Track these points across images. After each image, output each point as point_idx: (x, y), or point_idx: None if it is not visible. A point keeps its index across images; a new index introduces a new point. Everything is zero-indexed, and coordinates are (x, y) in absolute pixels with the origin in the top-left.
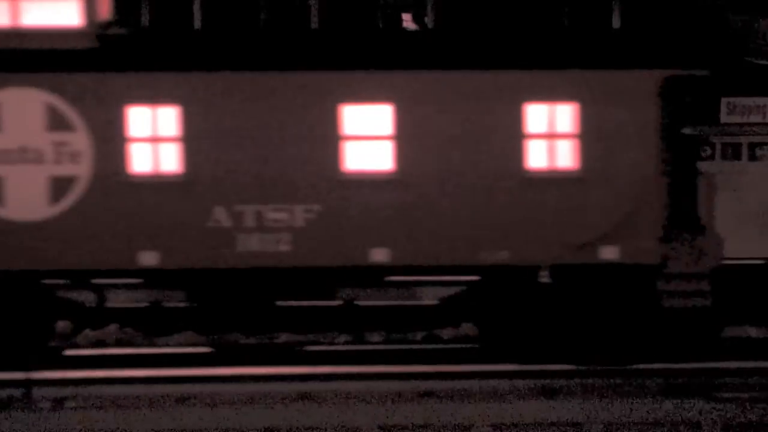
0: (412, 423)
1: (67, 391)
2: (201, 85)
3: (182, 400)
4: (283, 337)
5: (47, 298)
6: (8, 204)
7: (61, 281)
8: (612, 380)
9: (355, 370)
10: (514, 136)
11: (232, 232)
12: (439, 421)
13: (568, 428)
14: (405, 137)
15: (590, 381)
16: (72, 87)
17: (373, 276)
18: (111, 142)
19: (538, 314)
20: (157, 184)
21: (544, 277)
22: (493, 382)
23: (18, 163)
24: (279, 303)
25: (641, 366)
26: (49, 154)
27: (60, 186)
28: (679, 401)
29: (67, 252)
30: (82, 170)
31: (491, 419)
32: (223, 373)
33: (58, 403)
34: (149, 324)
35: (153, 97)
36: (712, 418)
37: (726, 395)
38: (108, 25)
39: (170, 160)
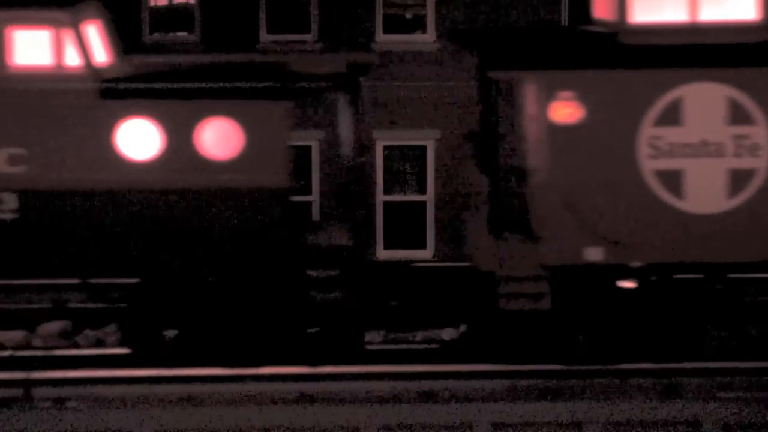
0: (412, 423)
1: (67, 390)
2: None
3: (183, 400)
4: None
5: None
6: (688, 197)
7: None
8: (612, 380)
9: (355, 370)
10: None
11: None
12: (439, 421)
13: (568, 428)
14: None
15: (590, 381)
16: (753, 81)
17: None
18: None
19: None
20: None
21: None
22: (493, 382)
23: (698, 156)
24: None
25: (641, 366)
26: (730, 147)
27: (739, 179)
28: (679, 401)
29: (740, 244)
30: (760, 163)
31: (491, 419)
32: (223, 373)
33: (58, 402)
34: None
35: None
36: (712, 418)
37: (726, 395)
38: None
39: None
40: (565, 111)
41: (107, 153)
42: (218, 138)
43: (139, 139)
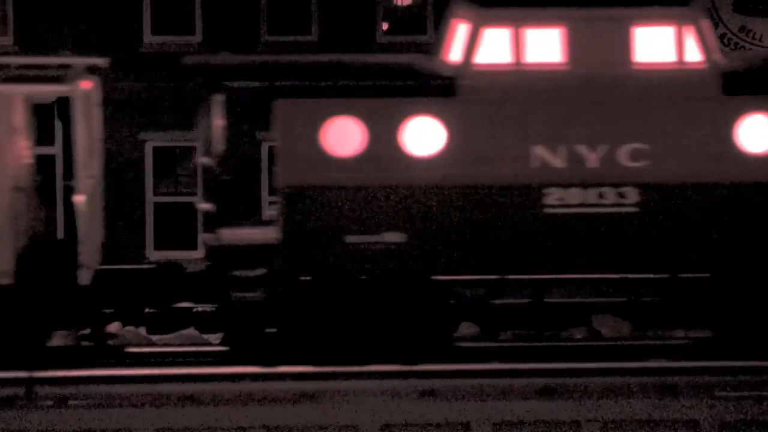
0: (412, 422)
1: (70, 389)
2: None
3: (184, 399)
4: None
5: None
6: None
7: None
8: (611, 380)
9: (355, 369)
10: None
11: None
12: (439, 420)
13: (568, 428)
14: None
15: (589, 380)
16: None
17: None
18: None
19: None
20: None
21: None
22: (493, 382)
23: None
24: None
25: (640, 365)
26: None
27: None
28: (677, 400)
29: None
30: None
31: (491, 419)
32: (223, 372)
33: (61, 401)
34: None
35: None
36: (710, 418)
37: (725, 394)
38: None
39: None
40: None
41: (726, 147)
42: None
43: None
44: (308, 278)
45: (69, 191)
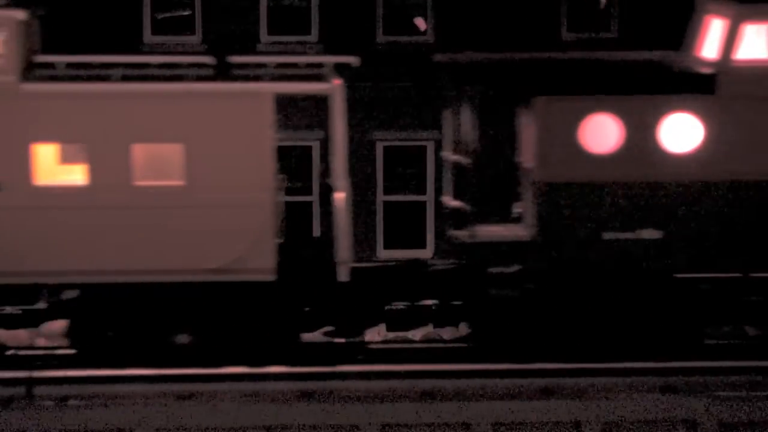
0: (412, 422)
1: (69, 389)
2: None
3: (183, 398)
4: None
5: None
6: None
7: None
8: (611, 380)
9: (355, 369)
10: None
11: None
12: (439, 420)
13: (568, 428)
14: None
15: (590, 381)
16: None
17: None
18: None
19: None
20: None
21: None
22: (493, 382)
23: None
24: None
25: (640, 365)
26: None
27: None
28: (677, 400)
29: None
30: None
31: (491, 419)
32: (223, 372)
33: (61, 401)
34: None
35: None
36: (709, 417)
37: (724, 394)
38: None
39: None
40: None
41: None
42: None
43: None
44: (563, 274)
45: (328, 189)
